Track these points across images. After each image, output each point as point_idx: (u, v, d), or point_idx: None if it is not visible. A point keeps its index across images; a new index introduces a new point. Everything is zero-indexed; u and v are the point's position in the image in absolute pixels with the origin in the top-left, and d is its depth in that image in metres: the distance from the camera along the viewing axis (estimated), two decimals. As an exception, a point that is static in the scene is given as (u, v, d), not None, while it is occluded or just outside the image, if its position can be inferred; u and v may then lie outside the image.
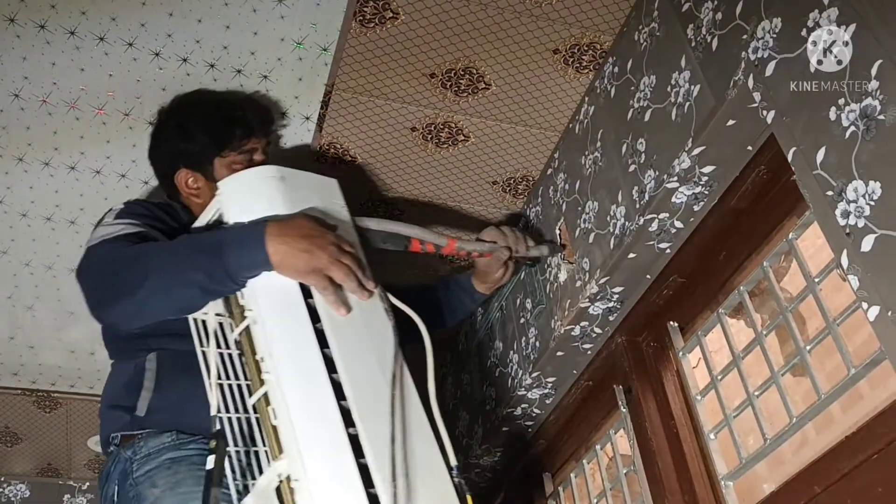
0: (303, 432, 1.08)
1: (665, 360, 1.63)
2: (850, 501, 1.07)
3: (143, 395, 1.39)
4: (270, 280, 1.22)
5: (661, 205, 1.40)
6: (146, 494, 1.30)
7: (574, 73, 1.66)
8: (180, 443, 1.36)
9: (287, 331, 1.18)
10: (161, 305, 1.27)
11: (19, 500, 2.94)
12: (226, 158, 1.52)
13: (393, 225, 1.48)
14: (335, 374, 1.14)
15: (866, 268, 0.94)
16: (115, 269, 1.28)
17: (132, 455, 1.36)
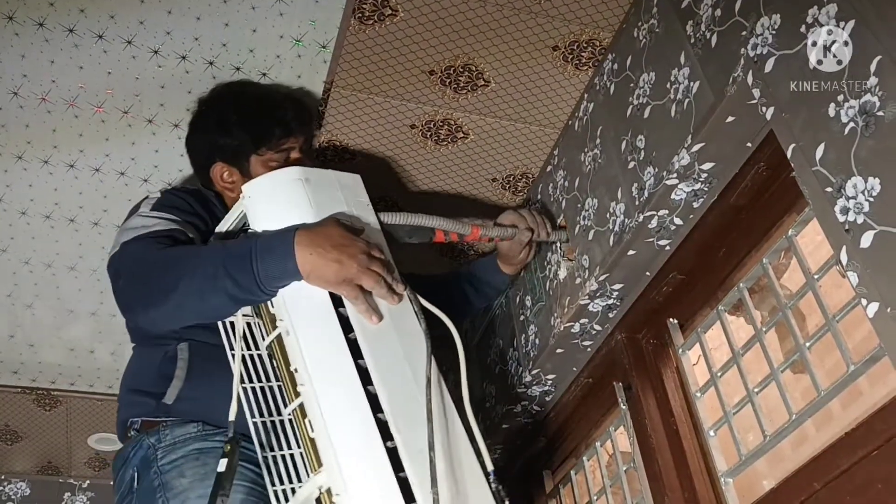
0: (341, 447, 1.07)
1: (665, 357, 1.63)
2: (849, 498, 1.07)
3: (174, 383, 1.38)
4: (300, 289, 1.22)
5: (660, 202, 1.40)
6: (174, 484, 1.30)
7: (573, 70, 1.66)
8: (206, 434, 1.36)
9: (320, 342, 1.17)
10: (191, 312, 1.29)
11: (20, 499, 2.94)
12: (263, 156, 1.51)
13: (416, 217, 1.48)
14: (370, 386, 1.14)
15: (865, 264, 0.94)
16: (148, 272, 1.29)
17: (156, 442, 1.35)
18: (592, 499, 1.86)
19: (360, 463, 1.07)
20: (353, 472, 1.06)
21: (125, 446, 1.42)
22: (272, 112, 1.52)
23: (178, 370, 1.39)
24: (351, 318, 1.20)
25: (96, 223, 1.91)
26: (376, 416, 1.12)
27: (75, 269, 2.04)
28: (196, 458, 1.33)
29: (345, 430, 1.10)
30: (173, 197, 1.47)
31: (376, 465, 1.07)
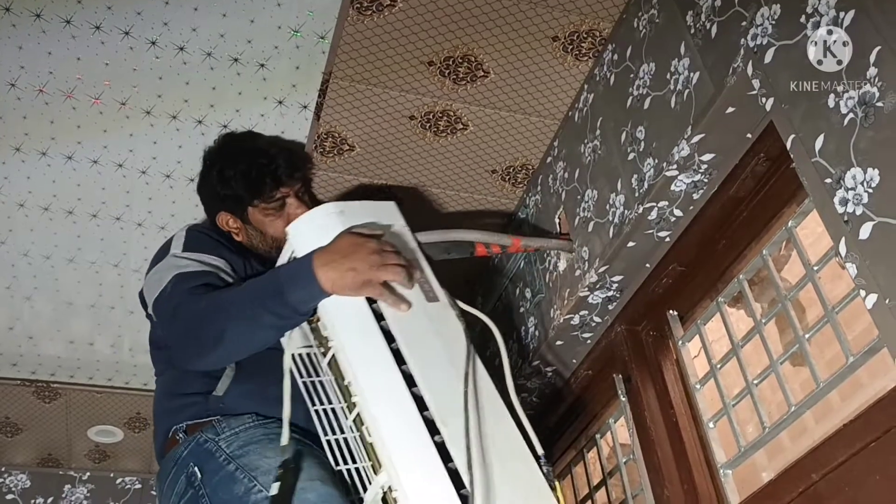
0: (393, 447, 1.18)
1: (664, 348, 1.63)
2: (847, 489, 1.07)
3: (223, 380, 1.42)
4: (342, 309, 1.32)
5: (660, 193, 1.40)
6: (258, 464, 1.30)
7: (573, 61, 1.65)
8: (264, 422, 1.37)
9: (365, 356, 1.28)
10: (242, 351, 1.37)
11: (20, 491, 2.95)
12: (257, 209, 1.61)
13: (454, 233, 1.55)
14: (415, 388, 1.24)
15: (864, 255, 0.94)
16: (193, 327, 1.35)
17: (214, 436, 1.36)
18: (592, 490, 1.86)
19: (411, 459, 1.17)
20: (405, 467, 1.16)
21: (172, 451, 1.41)
22: (262, 166, 1.61)
23: (227, 369, 1.43)
24: (392, 329, 1.31)
25: (94, 215, 1.91)
26: (423, 414, 1.22)
27: (74, 261, 2.04)
28: (268, 441, 1.33)
29: (395, 432, 1.20)
30: (201, 235, 1.55)
31: (426, 458, 1.17)
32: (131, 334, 2.31)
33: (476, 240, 1.58)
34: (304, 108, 1.73)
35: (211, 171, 1.64)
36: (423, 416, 1.22)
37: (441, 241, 1.54)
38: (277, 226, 1.61)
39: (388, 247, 1.37)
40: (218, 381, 1.43)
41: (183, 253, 1.48)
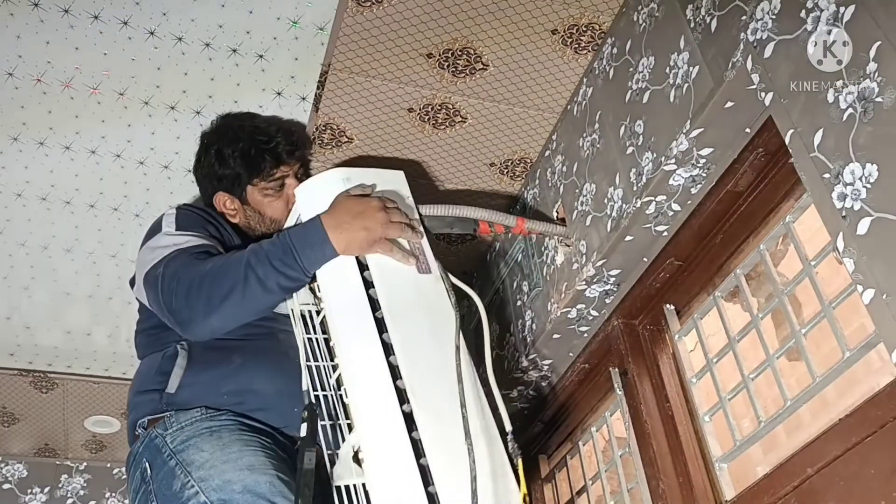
0: (363, 411, 1.23)
1: (661, 342, 1.63)
2: (842, 484, 1.07)
3: (175, 372, 1.44)
4: (335, 274, 1.36)
5: (658, 187, 1.40)
6: (193, 458, 1.32)
7: (572, 54, 1.65)
8: (211, 415, 1.40)
9: (350, 322, 1.33)
10: (249, 312, 1.39)
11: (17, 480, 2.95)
12: (257, 186, 1.61)
13: (458, 209, 1.57)
14: (392, 357, 1.29)
15: (862, 251, 0.94)
16: (201, 285, 1.35)
17: (162, 431, 1.38)
18: (587, 483, 1.87)
19: (377, 424, 1.22)
20: (371, 432, 1.22)
21: (132, 448, 1.45)
22: (261, 144, 1.61)
23: (179, 360, 1.45)
24: (379, 299, 1.35)
25: (92, 205, 1.91)
26: (395, 383, 1.26)
27: (71, 251, 2.03)
28: (209, 434, 1.36)
29: (366, 396, 1.25)
30: (191, 213, 1.55)
31: (391, 426, 1.22)
32: (129, 325, 2.29)
33: (480, 217, 1.60)
34: (303, 100, 1.73)
35: (209, 150, 1.64)
36: (396, 385, 1.26)
37: (445, 216, 1.56)
38: (276, 207, 1.61)
39: (391, 204, 1.43)
40: (169, 375, 1.44)
41: (177, 231, 1.48)
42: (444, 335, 1.35)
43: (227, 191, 1.62)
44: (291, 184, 1.61)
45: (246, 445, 1.34)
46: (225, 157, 1.61)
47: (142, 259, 1.48)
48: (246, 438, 1.36)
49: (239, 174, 1.60)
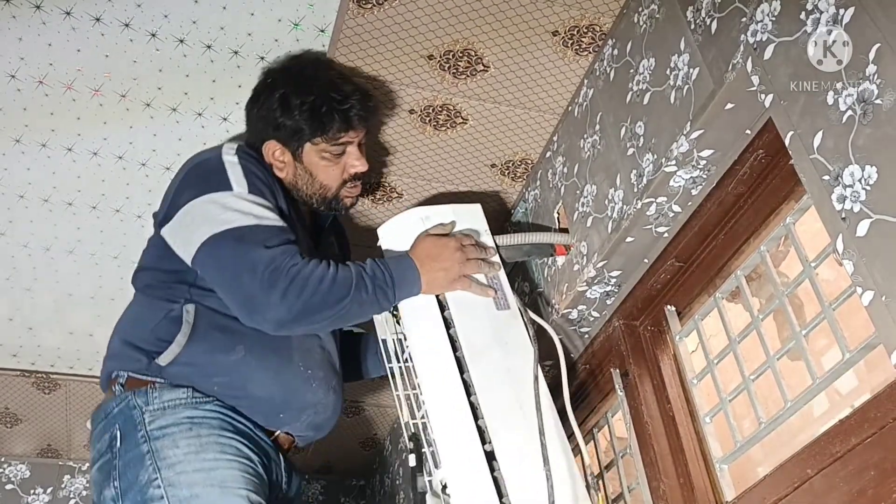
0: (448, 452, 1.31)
1: (662, 343, 1.63)
2: (843, 485, 1.07)
3: (173, 347, 1.39)
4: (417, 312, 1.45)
5: (659, 188, 1.40)
6: (167, 454, 1.30)
7: (573, 56, 1.65)
8: (196, 401, 1.37)
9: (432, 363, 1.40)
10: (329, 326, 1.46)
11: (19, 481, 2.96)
12: (317, 146, 1.54)
13: (533, 236, 1.64)
14: (473, 397, 1.36)
15: (861, 252, 0.94)
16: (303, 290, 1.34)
17: (143, 404, 1.35)
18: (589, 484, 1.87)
19: (461, 466, 1.30)
20: (456, 473, 1.29)
21: (108, 401, 1.40)
22: (335, 103, 1.52)
23: (180, 334, 1.40)
24: (459, 338, 1.42)
25: (94, 207, 1.91)
26: (476, 423, 1.34)
27: (74, 252, 2.04)
28: (189, 427, 1.33)
29: (450, 438, 1.33)
30: (257, 174, 1.46)
31: (475, 467, 1.30)
32: (131, 326, 2.31)
33: (556, 241, 1.66)
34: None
35: (273, 93, 1.53)
36: (477, 424, 1.34)
37: (522, 244, 1.63)
38: (331, 173, 1.54)
39: (468, 241, 1.50)
40: (167, 345, 1.39)
41: (249, 195, 1.41)
42: (522, 371, 1.42)
43: (282, 142, 1.53)
44: (352, 152, 1.55)
45: (222, 452, 1.33)
46: (291, 106, 1.51)
47: (203, 210, 1.39)
48: (224, 442, 1.34)
49: (301, 128, 1.51)
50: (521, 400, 1.39)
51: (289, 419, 1.48)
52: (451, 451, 1.31)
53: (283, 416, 1.47)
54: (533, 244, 1.64)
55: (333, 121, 1.52)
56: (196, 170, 1.47)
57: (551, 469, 1.30)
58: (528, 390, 1.39)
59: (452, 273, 1.46)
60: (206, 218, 1.39)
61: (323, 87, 1.53)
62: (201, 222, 1.39)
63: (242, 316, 1.37)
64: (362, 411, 2.86)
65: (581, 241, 1.64)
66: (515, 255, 1.63)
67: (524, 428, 1.35)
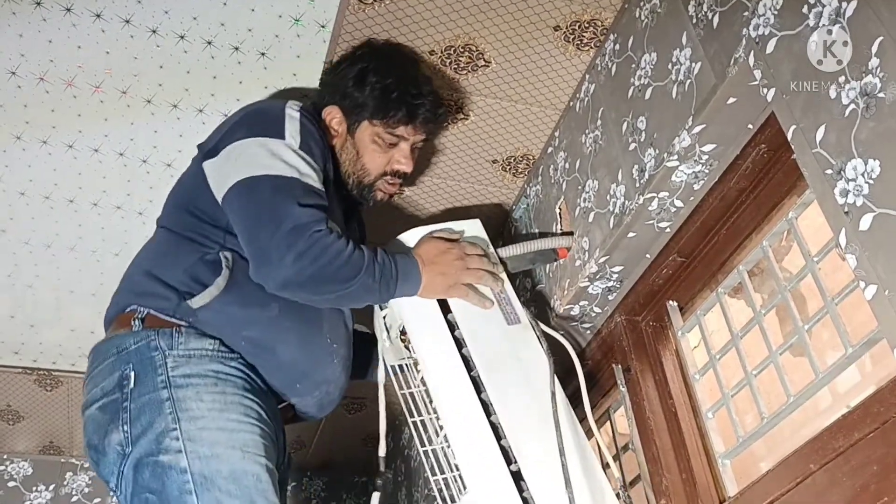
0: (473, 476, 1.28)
1: (664, 339, 1.63)
2: (845, 480, 1.07)
3: (211, 289, 1.33)
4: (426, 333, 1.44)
5: (661, 183, 1.40)
6: (190, 406, 1.23)
7: (575, 51, 1.65)
8: (223, 356, 1.31)
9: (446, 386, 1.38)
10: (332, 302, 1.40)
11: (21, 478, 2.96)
12: (374, 127, 1.54)
13: (534, 243, 1.63)
14: (493, 417, 1.34)
15: (864, 247, 0.94)
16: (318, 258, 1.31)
17: (166, 347, 1.28)
18: (591, 480, 1.86)
19: (489, 489, 1.27)
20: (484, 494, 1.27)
21: (121, 335, 1.31)
22: (409, 96, 1.53)
23: (220, 278, 1.34)
24: (473, 358, 1.40)
25: (95, 204, 1.91)
26: (500, 443, 1.32)
27: (75, 249, 2.04)
28: (214, 382, 1.27)
29: (474, 461, 1.30)
30: (314, 136, 1.44)
31: (502, 489, 1.27)
32: (132, 323, 2.31)
33: (559, 246, 1.65)
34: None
35: (355, 65, 1.54)
36: (500, 444, 1.31)
37: (524, 253, 1.62)
38: (376, 159, 1.54)
39: (471, 250, 1.49)
40: (202, 287, 1.33)
41: (300, 150, 1.39)
42: (539, 384, 1.41)
43: (344, 111, 1.54)
44: (404, 149, 1.55)
45: (245, 415, 1.27)
46: (365, 81, 1.52)
47: (249, 151, 1.37)
48: (247, 404, 1.28)
49: (366, 104, 1.52)
50: (543, 416, 1.37)
51: (303, 391, 1.44)
52: (476, 474, 1.27)
53: (299, 385, 1.42)
54: (537, 251, 1.63)
55: (399, 109, 1.52)
56: (255, 114, 1.46)
57: (574, 489, 1.28)
58: (549, 405, 1.38)
59: (450, 279, 1.44)
60: (249, 158, 1.36)
61: (403, 76, 1.55)
62: (244, 162, 1.36)
63: (252, 266, 1.32)
64: (364, 407, 2.86)
65: (583, 236, 1.64)
66: (520, 264, 1.63)
67: (549, 444, 1.33)
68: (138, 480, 1.20)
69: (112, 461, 1.23)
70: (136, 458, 1.21)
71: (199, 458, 1.18)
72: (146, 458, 1.20)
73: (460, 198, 1.99)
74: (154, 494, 1.18)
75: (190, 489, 1.16)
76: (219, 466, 1.18)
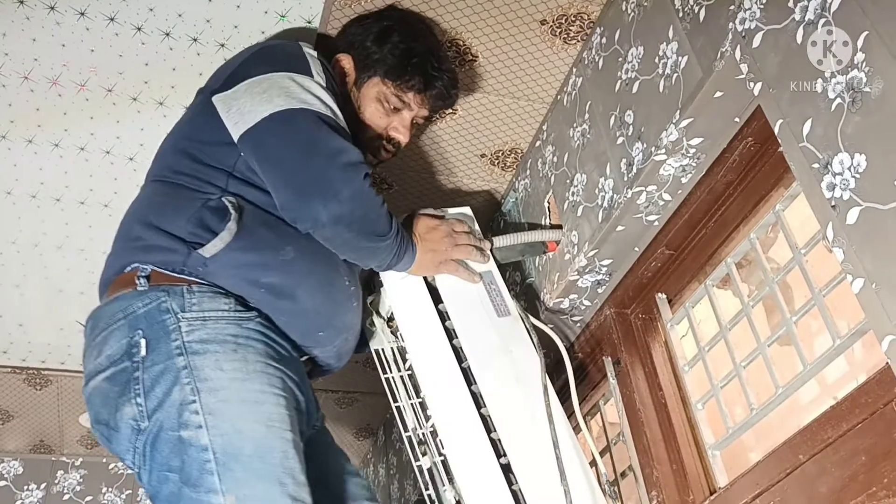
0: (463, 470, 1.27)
1: (653, 331, 1.64)
2: (834, 470, 1.08)
3: (223, 235, 1.20)
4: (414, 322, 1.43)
5: (649, 177, 1.40)
6: (208, 375, 1.12)
7: (562, 44, 1.65)
8: (239, 317, 1.19)
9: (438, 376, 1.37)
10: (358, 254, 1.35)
11: (12, 477, 2.95)
12: (383, 85, 1.49)
13: (526, 235, 1.64)
14: (484, 409, 1.34)
15: (851, 240, 0.94)
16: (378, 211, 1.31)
17: (179, 308, 1.16)
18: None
19: (477, 481, 1.26)
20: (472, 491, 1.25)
21: (124, 297, 1.19)
22: (428, 65, 1.49)
23: (230, 222, 1.21)
24: (464, 349, 1.40)
25: (82, 202, 1.90)
26: (490, 435, 1.31)
27: (62, 248, 2.03)
28: (234, 349, 1.15)
29: (463, 454, 1.29)
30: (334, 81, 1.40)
31: (492, 481, 1.26)
32: (121, 321, 2.31)
33: (548, 239, 1.66)
34: None
35: (379, 21, 1.50)
36: (490, 437, 1.31)
37: (515, 244, 1.63)
38: (376, 118, 1.49)
39: (459, 227, 1.50)
40: (212, 235, 1.20)
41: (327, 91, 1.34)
42: (530, 378, 1.41)
43: (356, 62, 1.49)
44: (406, 117, 1.51)
45: (269, 385, 1.16)
46: (388, 39, 1.47)
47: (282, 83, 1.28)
48: (270, 372, 1.17)
49: (383, 61, 1.47)
50: (533, 409, 1.36)
51: (325, 340, 1.35)
52: (465, 466, 1.26)
53: (322, 334, 1.32)
54: (526, 243, 1.64)
55: (415, 75, 1.48)
56: (272, 49, 1.39)
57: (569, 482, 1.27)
58: (539, 399, 1.37)
59: (440, 255, 1.45)
60: (281, 91, 1.27)
61: (427, 46, 1.51)
62: (276, 94, 1.26)
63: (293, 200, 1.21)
64: (356, 402, 2.86)
65: (572, 230, 1.64)
66: (510, 255, 1.63)
67: (539, 438, 1.33)
68: (156, 457, 1.10)
69: (126, 437, 1.13)
70: (154, 433, 1.10)
71: (220, 435, 1.08)
72: (164, 432, 1.10)
73: (449, 193, 1.99)
74: (174, 472, 1.08)
75: (211, 469, 1.07)
76: (242, 443, 1.08)
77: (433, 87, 1.51)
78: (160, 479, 1.10)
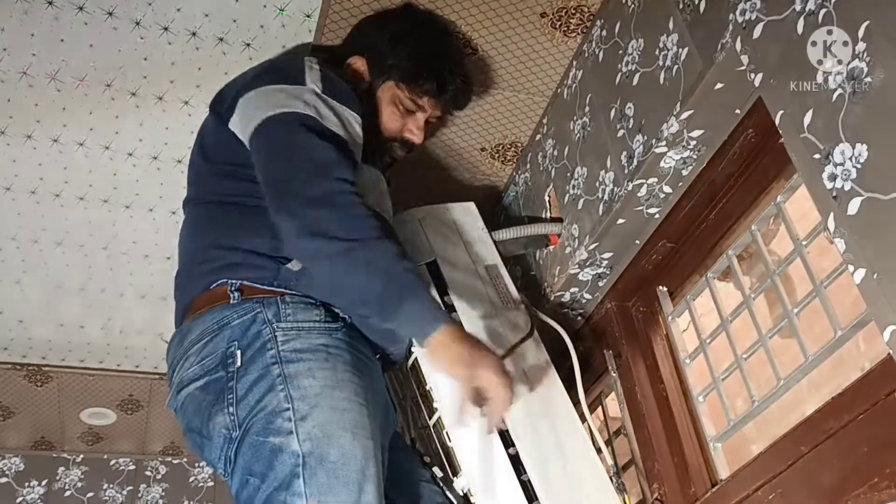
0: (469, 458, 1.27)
1: (654, 324, 1.64)
2: (836, 461, 1.08)
3: None
4: None
5: (649, 170, 1.40)
6: (302, 383, 1.14)
7: (562, 37, 1.64)
8: (329, 326, 1.21)
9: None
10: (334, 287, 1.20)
11: (14, 474, 2.95)
12: (398, 90, 1.48)
13: (528, 228, 1.63)
14: None
15: (853, 231, 0.94)
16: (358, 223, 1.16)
17: (273, 318, 1.18)
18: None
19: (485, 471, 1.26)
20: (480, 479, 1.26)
21: (217, 309, 1.20)
22: (444, 70, 1.50)
23: None
24: None
25: (82, 198, 1.90)
26: None
27: (62, 244, 2.03)
28: (325, 358, 1.18)
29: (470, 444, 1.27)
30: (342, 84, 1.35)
31: (500, 471, 1.25)
32: (122, 316, 2.30)
33: (550, 232, 1.65)
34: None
35: (395, 22, 1.50)
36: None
37: (518, 237, 1.63)
38: (391, 122, 1.49)
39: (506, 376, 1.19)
40: None
41: (324, 94, 1.29)
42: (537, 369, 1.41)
43: (370, 65, 1.48)
44: (420, 119, 1.51)
45: (355, 394, 1.17)
46: (403, 43, 1.46)
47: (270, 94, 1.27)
48: (356, 382, 1.18)
49: (398, 66, 1.46)
50: (542, 399, 1.36)
51: (400, 337, 1.34)
52: (472, 457, 1.25)
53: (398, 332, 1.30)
54: (529, 236, 1.64)
55: (430, 79, 1.48)
56: (271, 66, 1.41)
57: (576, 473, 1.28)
58: (548, 391, 1.37)
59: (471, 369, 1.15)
60: (270, 100, 1.27)
61: (443, 50, 1.52)
62: (265, 103, 1.27)
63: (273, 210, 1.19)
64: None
65: (572, 223, 1.64)
66: (513, 248, 1.64)
67: (547, 428, 1.33)
68: (239, 462, 1.14)
69: (218, 446, 1.16)
70: (239, 439, 1.14)
71: (310, 440, 1.10)
72: (250, 437, 1.13)
73: (449, 187, 1.98)
74: (255, 477, 1.11)
75: (298, 472, 1.09)
76: (329, 449, 1.11)
77: (447, 92, 1.53)
78: (242, 483, 1.13)
